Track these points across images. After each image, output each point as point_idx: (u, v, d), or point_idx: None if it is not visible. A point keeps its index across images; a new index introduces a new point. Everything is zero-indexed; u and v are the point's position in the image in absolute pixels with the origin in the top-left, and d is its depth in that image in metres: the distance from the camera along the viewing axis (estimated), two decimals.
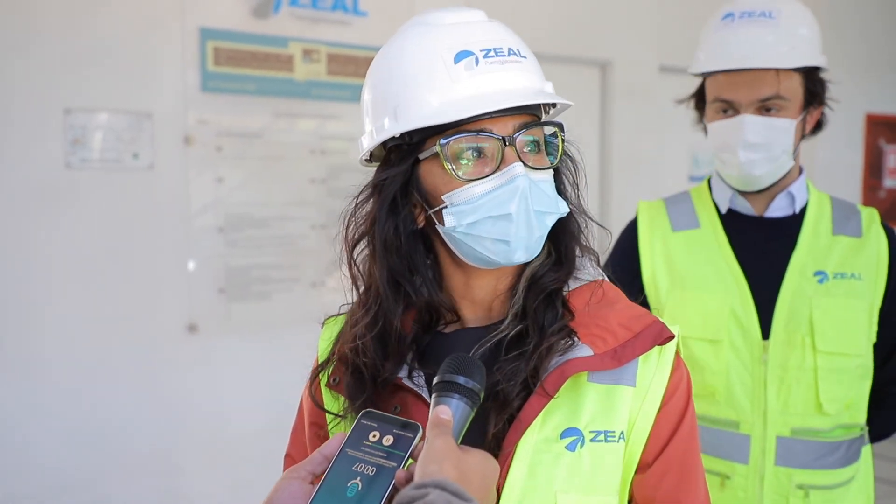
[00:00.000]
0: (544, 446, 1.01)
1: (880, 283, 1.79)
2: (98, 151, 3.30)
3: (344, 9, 3.79)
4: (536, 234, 1.04)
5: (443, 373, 0.94)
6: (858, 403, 1.80)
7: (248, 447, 3.65)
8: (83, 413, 3.30)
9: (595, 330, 1.05)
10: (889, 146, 5.98)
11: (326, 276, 3.86)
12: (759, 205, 1.87)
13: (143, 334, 3.41)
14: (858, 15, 5.61)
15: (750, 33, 1.76)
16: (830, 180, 5.54)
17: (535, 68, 1.08)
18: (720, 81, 1.77)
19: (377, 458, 0.88)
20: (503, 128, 1.02)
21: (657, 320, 1.08)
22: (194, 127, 3.49)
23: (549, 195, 1.05)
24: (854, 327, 1.76)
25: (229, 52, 3.54)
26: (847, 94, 5.90)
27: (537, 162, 1.05)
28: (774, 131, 1.74)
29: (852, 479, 1.82)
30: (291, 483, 0.91)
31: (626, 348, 1.04)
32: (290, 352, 3.77)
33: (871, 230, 1.83)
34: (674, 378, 1.08)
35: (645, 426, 1.06)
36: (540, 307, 1.07)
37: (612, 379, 1.05)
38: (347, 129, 3.88)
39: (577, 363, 1.02)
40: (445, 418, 0.89)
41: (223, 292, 3.59)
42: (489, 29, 1.08)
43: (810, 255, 1.81)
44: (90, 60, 3.26)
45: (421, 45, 1.05)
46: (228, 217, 3.59)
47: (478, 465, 0.88)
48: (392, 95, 1.06)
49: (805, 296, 1.78)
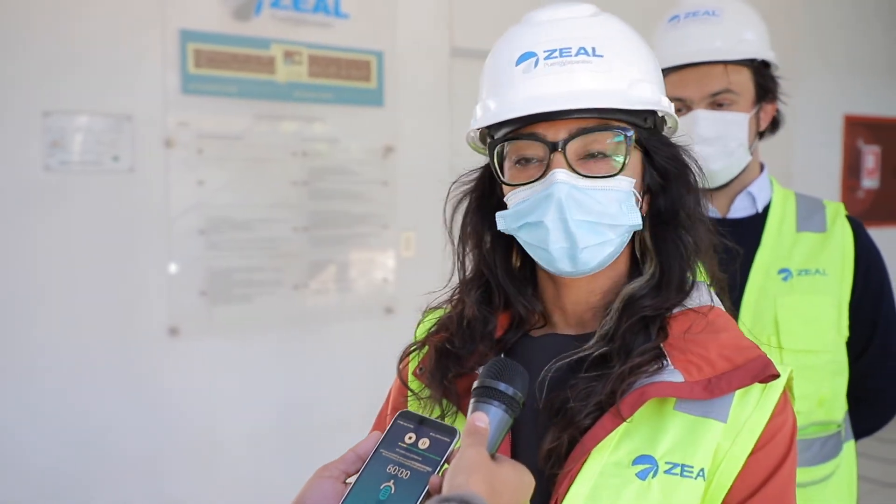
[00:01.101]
0: (614, 469, 0.96)
1: (847, 277, 1.79)
2: (77, 154, 3.27)
3: (325, 10, 3.79)
4: (583, 245, 1.00)
5: (483, 377, 0.91)
6: (832, 400, 1.79)
7: (233, 450, 3.64)
8: (66, 418, 3.27)
9: (691, 357, 0.99)
10: (867, 146, 6.04)
11: (309, 279, 3.85)
12: (722, 206, 1.88)
13: (123, 338, 3.39)
14: (836, 17, 5.67)
15: (696, 31, 1.81)
16: (809, 180, 5.58)
17: (617, 67, 1.00)
18: (671, 81, 1.79)
19: (412, 462, 0.85)
20: (558, 132, 0.99)
21: (763, 355, 1.01)
22: (175, 129, 3.47)
23: (603, 204, 0.99)
24: (821, 323, 1.76)
25: (210, 54, 3.53)
26: (825, 95, 5.96)
27: (594, 169, 1.00)
28: (727, 125, 1.76)
29: (830, 475, 1.82)
30: (323, 482, 0.88)
31: (722, 380, 0.97)
32: (273, 354, 3.79)
33: (836, 224, 1.83)
34: (775, 421, 0.99)
35: (732, 468, 0.97)
36: (630, 331, 1.01)
37: (701, 411, 0.98)
38: (329, 131, 3.88)
39: (660, 387, 0.96)
40: (482, 426, 0.85)
41: (205, 295, 3.57)
42: (572, 27, 1.02)
43: (774, 254, 1.81)
44: (69, 62, 3.23)
45: (502, 45, 1.06)
46: (210, 219, 3.58)
47: (510, 478, 0.85)
48: (480, 91, 1.09)
49: (769, 295, 1.78)
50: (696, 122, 1.75)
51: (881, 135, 6.12)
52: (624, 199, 1.01)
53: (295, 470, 0.95)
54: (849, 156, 5.92)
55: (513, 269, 1.12)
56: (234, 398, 3.66)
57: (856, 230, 1.84)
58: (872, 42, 5.93)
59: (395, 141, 4.03)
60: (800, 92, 5.40)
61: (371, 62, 3.93)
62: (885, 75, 6.07)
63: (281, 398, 3.78)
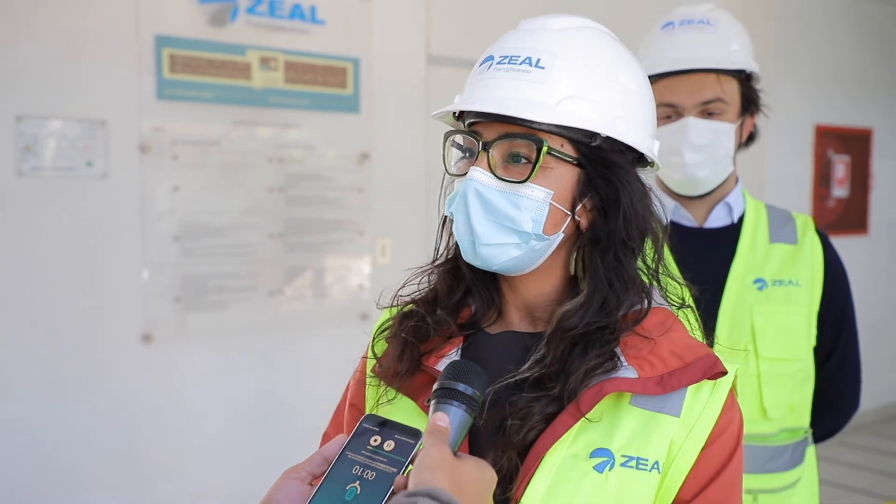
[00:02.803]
0: (572, 463, 0.99)
1: (817, 288, 1.84)
2: (50, 159, 3.25)
3: (301, 17, 3.79)
4: (483, 242, 1.03)
5: (442, 379, 0.93)
6: (801, 407, 1.84)
7: (205, 458, 3.62)
8: (36, 425, 3.24)
9: (644, 354, 1.03)
10: (837, 156, 6.12)
11: (284, 285, 3.84)
12: (699, 215, 1.91)
13: (96, 345, 3.36)
14: (807, 29, 5.75)
15: (691, 38, 1.83)
16: (781, 190, 5.65)
17: (553, 80, 1.02)
18: (663, 86, 1.81)
19: (378, 463, 0.87)
20: (490, 133, 1.04)
21: (712, 353, 1.05)
22: (150, 135, 3.46)
23: (507, 208, 1.02)
24: (794, 332, 1.81)
25: (185, 60, 3.51)
26: (797, 105, 6.04)
27: (512, 174, 1.02)
28: (717, 134, 1.79)
29: (798, 480, 1.86)
30: (290, 483, 0.90)
31: (674, 377, 1.01)
32: (248, 361, 3.77)
33: (807, 236, 1.88)
34: (725, 417, 1.03)
35: (686, 461, 1.01)
36: (564, 354, 1.03)
37: (656, 406, 1.02)
38: (305, 137, 3.87)
39: (617, 382, 0.99)
40: (442, 426, 0.88)
41: (179, 301, 3.55)
42: (536, 37, 1.05)
43: (749, 264, 1.85)
44: (43, 66, 3.21)
45: (491, 45, 1.11)
46: (184, 226, 3.56)
47: (473, 473, 0.87)
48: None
49: (746, 304, 1.81)
50: (688, 129, 1.77)
51: (851, 145, 6.21)
52: (533, 208, 1.03)
53: (270, 477, 0.96)
54: (819, 165, 6.00)
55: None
56: (209, 406, 3.64)
57: (824, 243, 1.89)
58: (842, 54, 6.03)
59: (370, 148, 4.04)
60: (772, 102, 5.47)
61: (347, 69, 3.93)
62: (854, 86, 6.16)
63: (256, 405, 3.77)
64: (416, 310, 1.14)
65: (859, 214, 6.33)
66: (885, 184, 6.51)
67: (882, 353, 6.62)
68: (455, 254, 1.15)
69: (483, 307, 1.14)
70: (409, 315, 1.14)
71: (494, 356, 1.04)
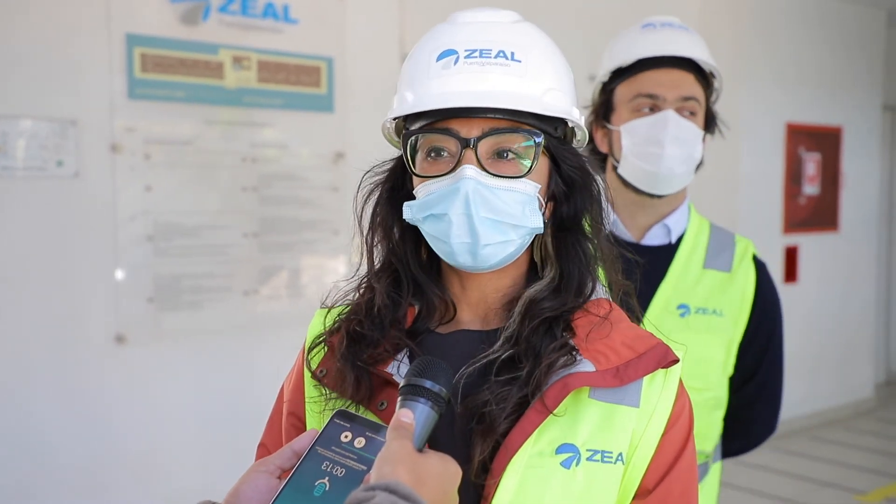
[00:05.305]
0: (538, 461, 0.99)
1: (742, 319, 1.82)
2: (21, 160, 3.21)
3: (274, 16, 3.77)
4: (485, 242, 1.01)
5: (408, 376, 0.92)
6: (706, 433, 1.82)
7: (179, 459, 3.60)
8: (7, 428, 3.20)
9: (598, 346, 1.03)
10: (808, 154, 6.18)
11: (259, 285, 3.83)
12: (637, 231, 1.89)
13: (68, 346, 3.33)
14: (778, 29, 5.80)
15: (674, 35, 1.86)
16: (754, 188, 5.71)
17: (532, 73, 1.03)
18: (645, 78, 1.82)
19: (347, 460, 0.87)
20: (471, 129, 1.01)
21: (662, 343, 1.06)
22: (122, 134, 3.43)
23: (507, 204, 1.02)
24: (708, 364, 1.79)
25: (157, 59, 3.49)
26: (770, 103, 6.10)
27: (502, 169, 1.02)
28: (694, 135, 1.80)
29: None
30: (258, 476, 0.89)
31: (629, 368, 1.02)
32: (223, 361, 3.75)
33: (742, 265, 1.86)
34: (678, 404, 1.06)
35: (647, 450, 1.03)
36: (535, 333, 1.04)
37: (614, 398, 1.02)
38: (279, 136, 3.86)
39: (580, 377, 0.99)
40: (406, 422, 0.87)
41: (152, 302, 3.53)
42: (494, 30, 1.05)
43: (676, 288, 1.83)
44: (12, 66, 3.17)
45: (426, 41, 1.09)
46: (157, 226, 3.53)
47: (435, 467, 0.86)
48: (399, 83, 1.11)
49: (664, 330, 1.80)
50: (668, 122, 1.77)
51: (822, 142, 6.27)
52: (527, 202, 1.04)
53: None
54: (791, 163, 6.05)
55: (422, 261, 1.14)
56: (183, 407, 3.62)
57: (759, 273, 1.86)
58: (812, 53, 6.09)
59: (345, 147, 4.03)
60: (745, 100, 5.53)
61: (321, 68, 3.92)
62: (825, 85, 6.23)
63: (231, 406, 3.75)
64: (355, 320, 1.10)
65: (830, 212, 6.39)
66: (856, 181, 6.58)
67: (854, 349, 6.70)
68: (386, 263, 1.12)
69: (429, 307, 1.12)
70: (348, 327, 1.10)
71: (449, 357, 1.02)
